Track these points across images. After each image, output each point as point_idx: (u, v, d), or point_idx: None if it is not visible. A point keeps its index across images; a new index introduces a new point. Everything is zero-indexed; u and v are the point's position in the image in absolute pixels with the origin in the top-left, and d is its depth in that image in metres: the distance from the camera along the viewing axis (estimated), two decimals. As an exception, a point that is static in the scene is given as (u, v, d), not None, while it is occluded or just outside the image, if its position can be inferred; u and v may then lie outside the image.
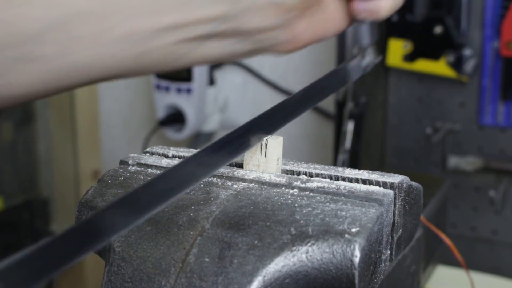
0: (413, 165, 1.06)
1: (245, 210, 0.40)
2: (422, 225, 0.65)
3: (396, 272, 0.55)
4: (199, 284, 0.36)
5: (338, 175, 0.43)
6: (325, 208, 0.39)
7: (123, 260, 0.39)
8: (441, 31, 0.96)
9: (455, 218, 1.03)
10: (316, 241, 0.37)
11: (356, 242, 0.36)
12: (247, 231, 0.38)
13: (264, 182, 0.43)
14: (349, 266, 0.36)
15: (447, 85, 1.01)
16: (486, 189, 1.01)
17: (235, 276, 0.36)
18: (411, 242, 0.45)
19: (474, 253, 1.03)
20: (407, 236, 0.43)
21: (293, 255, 0.37)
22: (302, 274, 0.37)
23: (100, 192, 0.46)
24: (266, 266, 0.36)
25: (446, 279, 0.87)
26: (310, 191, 0.42)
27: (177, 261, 0.38)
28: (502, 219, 1.00)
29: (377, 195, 0.40)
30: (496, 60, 0.97)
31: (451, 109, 1.02)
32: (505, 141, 0.99)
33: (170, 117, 1.21)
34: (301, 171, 0.45)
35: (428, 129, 1.04)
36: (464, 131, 1.02)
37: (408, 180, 0.43)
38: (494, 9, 0.96)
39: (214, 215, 0.40)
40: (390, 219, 0.40)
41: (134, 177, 0.47)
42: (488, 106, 0.99)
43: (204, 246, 0.38)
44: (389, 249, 0.41)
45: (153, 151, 0.51)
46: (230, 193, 0.42)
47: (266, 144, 0.45)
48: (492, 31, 0.96)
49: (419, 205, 0.45)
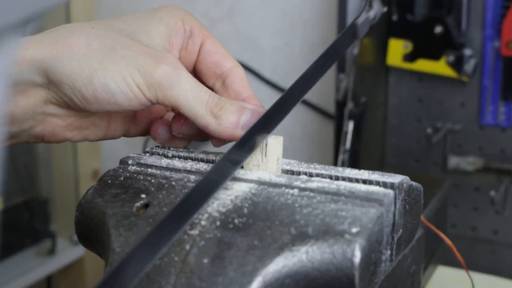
0: (413, 165, 1.06)
1: (245, 210, 0.40)
2: (422, 225, 0.65)
3: (396, 272, 0.55)
4: (199, 284, 0.36)
5: (338, 175, 0.43)
6: (325, 208, 0.39)
7: (123, 260, 0.39)
8: (441, 31, 0.96)
9: (455, 218, 1.03)
10: (316, 241, 0.37)
11: (356, 242, 0.36)
12: (247, 231, 0.38)
13: (264, 182, 0.43)
14: (350, 267, 0.36)
15: (447, 85, 1.01)
16: (486, 189, 1.01)
17: (235, 276, 0.36)
18: (411, 242, 0.45)
19: (475, 253, 1.03)
20: (407, 236, 0.43)
21: (293, 255, 0.36)
22: (302, 274, 0.36)
23: (100, 192, 0.45)
24: (266, 266, 0.36)
25: (446, 279, 0.87)
26: (310, 191, 0.41)
27: (177, 261, 0.38)
28: (503, 219, 1.00)
29: (377, 195, 0.40)
30: (497, 60, 0.97)
31: (452, 109, 1.02)
32: (505, 141, 0.99)
33: (170, 117, 1.21)
34: (301, 171, 0.45)
35: (428, 129, 1.03)
36: (465, 131, 1.01)
37: (408, 180, 0.43)
38: (494, 9, 0.96)
39: (214, 215, 0.40)
40: (390, 219, 0.40)
41: (134, 177, 0.47)
42: (489, 106, 0.98)
43: (204, 246, 0.38)
44: (389, 249, 0.41)
45: (153, 151, 0.51)
46: (230, 193, 0.42)
47: (266, 144, 0.45)
48: (492, 31, 0.96)
49: (419, 205, 0.45)
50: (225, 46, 0.54)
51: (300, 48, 1.19)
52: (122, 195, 0.45)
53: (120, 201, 0.44)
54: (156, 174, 0.47)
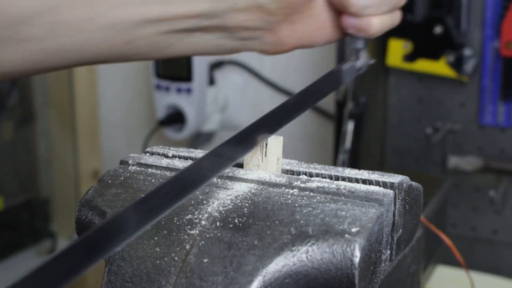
0: (413, 165, 1.06)
1: (245, 210, 0.40)
2: (422, 225, 0.65)
3: (396, 272, 0.55)
4: (199, 284, 0.36)
5: (338, 175, 0.43)
6: (325, 208, 0.39)
7: (123, 260, 0.39)
8: (441, 31, 0.96)
9: (455, 218, 1.03)
10: (316, 241, 0.37)
11: (356, 242, 0.36)
12: (247, 231, 0.38)
13: (264, 182, 0.43)
14: (349, 266, 0.36)
15: (447, 85, 1.01)
16: (486, 189, 1.01)
17: (235, 276, 0.36)
18: (411, 242, 0.45)
19: (474, 253, 1.03)
20: (407, 236, 0.43)
21: (293, 255, 0.37)
22: (302, 274, 0.37)
23: (100, 192, 0.46)
24: (266, 266, 0.36)
25: (446, 279, 0.87)
26: (310, 191, 0.42)
27: (177, 261, 0.38)
28: (502, 219, 1.00)
29: (377, 195, 0.40)
30: (496, 60, 0.97)
31: (451, 109, 1.02)
32: (505, 141, 0.99)
33: (170, 117, 1.21)
34: (301, 171, 0.45)
35: (428, 129, 1.04)
36: (464, 131, 1.02)
37: (408, 180, 0.43)
38: (494, 9, 0.96)
39: (214, 215, 0.40)
40: (390, 219, 0.40)
41: (134, 177, 0.47)
42: (488, 106, 0.99)
43: (204, 246, 0.38)
44: (389, 249, 0.41)
45: (153, 151, 0.51)
46: (230, 193, 0.42)
47: (266, 144, 0.45)
48: (492, 31, 0.96)
49: (419, 205, 0.45)
50: (225, 46, 0.54)
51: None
52: (122, 195, 0.45)
53: (120, 201, 0.44)
54: (156, 174, 0.47)
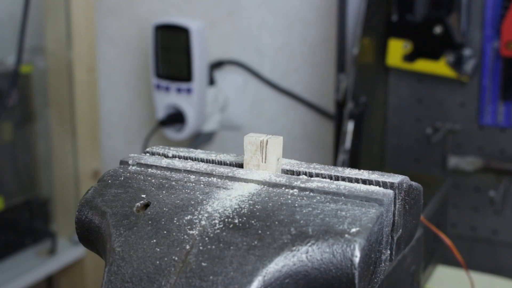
0: (413, 165, 1.06)
1: (245, 210, 0.40)
2: (422, 225, 0.65)
3: (396, 272, 0.55)
4: (199, 284, 0.36)
5: (338, 175, 0.43)
6: (325, 208, 0.39)
7: (123, 260, 0.39)
8: (441, 31, 0.96)
9: (455, 218, 1.03)
10: (316, 241, 0.37)
11: (356, 242, 0.36)
12: (247, 231, 0.38)
13: (264, 182, 0.43)
14: (349, 266, 0.36)
15: (447, 85, 1.01)
16: (486, 189, 1.01)
17: (235, 276, 0.36)
18: (411, 242, 0.45)
19: (474, 253, 1.03)
20: (407, 236, 0.43)
21: (293, 255, 0.37)
22: (302, 274, 0.37)
23: (100, 192, 0.46)
24: (266, 266, 0.36)
25: (446, 279, 0.87)
26: (310, 191, 0.42)
27: (177, 261, 0.38)
28: (502, 219, 1.00)
29: (377, 195, 0.40)
30: (496, 60, 0.97)
31: (451, 109, 1.02)
32: (505, 141, 0.99)
33: (170, 117, 1.21)
34: (301, 171, 0.45)
35: (428, 129, 1.04)
36: (464, 131, 1.02)
37: (408, 180, 0.43)
38: (494, 9, 0.96)
39: (214, 215, 0.40)
40: (390, 219, 0.40)
41: (134, 177, 0.47)
42: (488, 106, 0.99)
43: (204, 246, 0.38)
44: (389, 249, 0.41)
45: (153, 151, 0.51)
46: (230, 193, 0.43)
47: (266, 144, 0.45)
48: (492, 31, 0.96)
49: (419, 205, 0.45)
50: (225, 46, 0.54)
51: (300, 48, 1.19)
52: (122, 195, 0.45)
53: (120, 201, 0.44)
54: (156, 174, 0.47)
